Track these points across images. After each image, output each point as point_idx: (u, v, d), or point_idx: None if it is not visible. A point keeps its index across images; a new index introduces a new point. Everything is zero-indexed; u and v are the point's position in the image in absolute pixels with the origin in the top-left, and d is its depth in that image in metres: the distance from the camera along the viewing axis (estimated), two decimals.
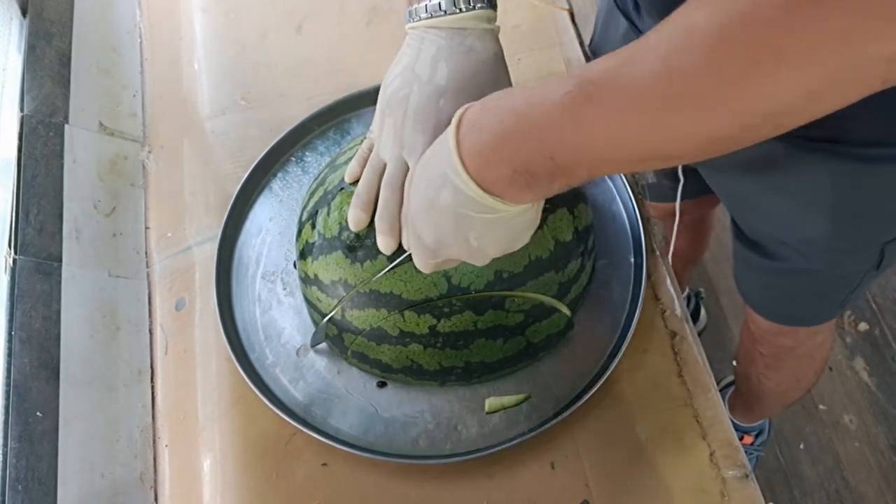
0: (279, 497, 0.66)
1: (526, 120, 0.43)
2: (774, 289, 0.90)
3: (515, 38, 0.90)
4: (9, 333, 0.64)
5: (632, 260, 0.72)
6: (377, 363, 0.66)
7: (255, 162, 0.81)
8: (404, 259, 0.59)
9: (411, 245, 0.55)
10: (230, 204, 0.78)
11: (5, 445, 0.60)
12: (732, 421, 1.40)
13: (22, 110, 0.76)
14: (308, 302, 0.68)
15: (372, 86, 0.82)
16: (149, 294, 0.78)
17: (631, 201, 0.74)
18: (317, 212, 0.66)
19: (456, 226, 0.49)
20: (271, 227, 0.79)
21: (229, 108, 0.89)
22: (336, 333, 0.66)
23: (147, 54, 0.95)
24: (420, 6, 0.58)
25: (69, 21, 0.88)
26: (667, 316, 0.70)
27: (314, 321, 0.70)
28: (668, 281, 0.72)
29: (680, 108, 0.37)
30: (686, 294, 1.60)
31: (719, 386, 1.48)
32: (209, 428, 0.70)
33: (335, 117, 0.84)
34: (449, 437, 0.66)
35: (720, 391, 1.42)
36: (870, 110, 0.41)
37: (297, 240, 0.68)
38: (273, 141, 0.82)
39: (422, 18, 0.58)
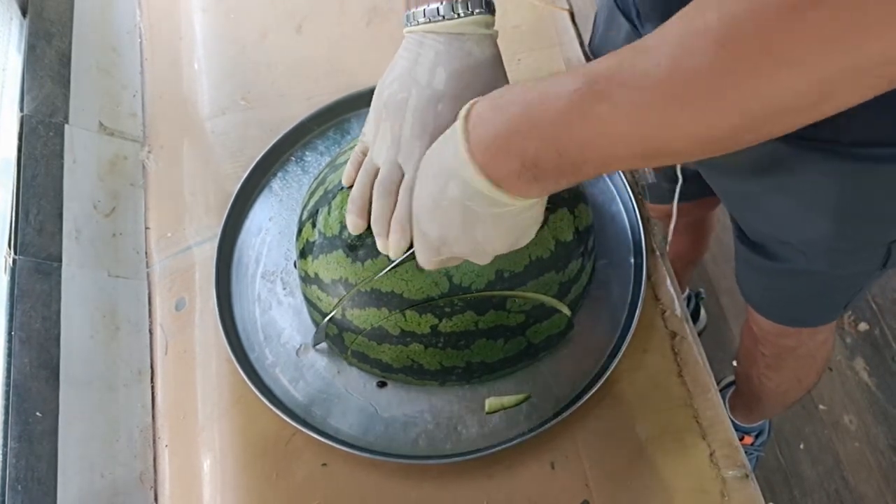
0: (279, 497, 0.66)
1: (535, 115, 0.43)
2: (776, 290, 0.90)
3: (515, 38, 0.90)
4: (8, 333, 0.64)
5: (632, 260, 0.72)
6: (377, 363, 0.66)
7: (255, 162, 0.81)
8: (406, 258, 0.59)
9: (415, 242, 0.55)
10: (230, 204, 0.78)
11: (5, 445, 0.60)
12: (733, 421, 1.40)
13: (22, 110, 0.76)
14: (308, 301, 0.68)
15: (372, 86, 0.82)
16: (149, 294, 0.78)
17: (631, 202, 0.74)
18: (317, 211, 0.66)
19: (462, 221, 0.49)
20: (271, 227, 0.79)
21: (229, 108, 0.89)
22: (336, 333, 0.66)
23: (147, 54, 0.95)
24: (418, 11, 0.58)
25: (69, 21, 0.88)
26: (667, 316, 0.70)
27: (314, 321, 0.70)
28: (668, 281, 0.72)
29: (687, 106, 0.37)
30: (686, 294, 1.60)
31: (719, 386, 1.48)
32: (209, 428, 0.70)
33: (335, 117, 0.84)
34: (449, 437, 0.66)
35: (720, 391, 1.42)
36: (871, 110, 0.41)
37: (298, 239, 0.68)
38: (273, 141, 0.82)
39: (420, 23, 0.58)
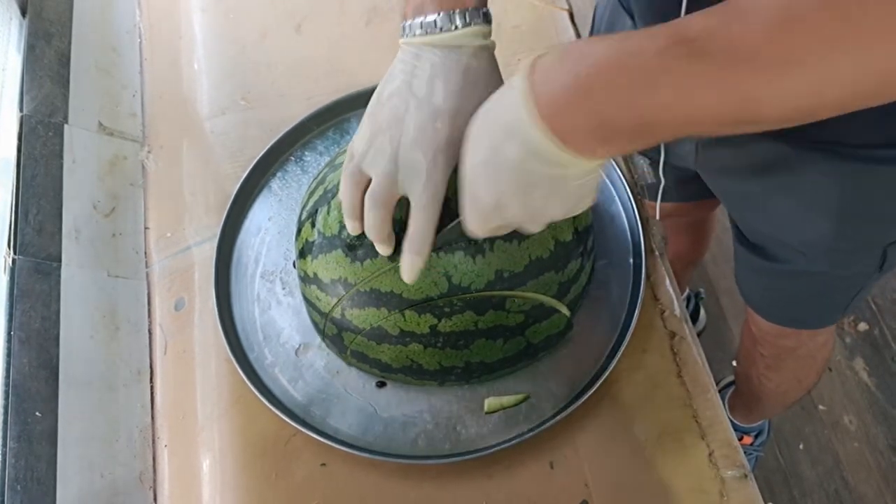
0: (278, 497, 0.66)
1: (615, 72, 0.40)
2: (776, 290, 0.90)
3: (515, 38, 0.90)
4: (8, 333, 0.64)
5: (631, 261, 0.72)
6: (377, 363, 0.66)
7: (255, 161, 0.81)
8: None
9: (466, 208, 0.52)
10: (229, 204, 0.78)
11: (4, 445, 0.60)
12: (732, 421, 1.40)
13: (21, 110, 0.76)
14: (307, 301, 0.68)
15: (372, 86, 0.82)
16: (148, 294, 0.78)
17: (630, 202, 0.74)
18: (317, 210, 0.66)
19: (519, 184, 0.46)
20: (270, 227, 0.79)
21: (229, 108, 0.89)
22: (335, 333, 0.66)
23: (147, 54, 0.95)
24: (415, 22, 0.57)
25: (69, 21, 0.88)
26: (666, 316, 0.70)
27: (313, 321, 0.70)
28: (668, 281, 0.72)
29: (789, 72, 0.35)
30: (686, 294, 1.60)
31: (719, 386, 1.48)
32: (208, 428, 0.70)
33: (334, 117, 0.84)
34: (448, 437, 0.66)
35: (720, 391, 1.43)
36: (874, 111, 0.41)
37: (297, 239, 0.68)
38: (272, 141, 0.82)
39: (416, 35, 0.57)
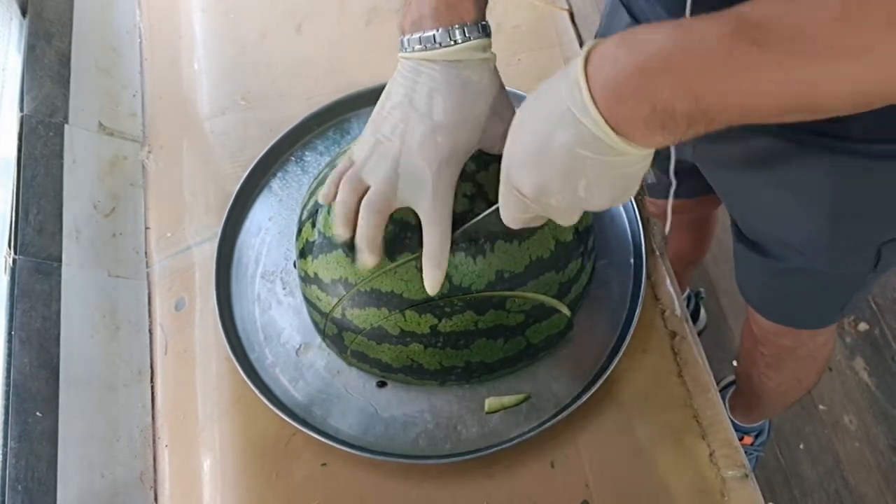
0: (279, 497, 0.66)
1: (674, 58, 0.40)
2: (774, 289, 0.90)
3: (515, 38, 0.90)
4: (8, 333, 0.64)
5: (631, 260, 0.72)
6: (377, 363, 0.66)
7: (255, 161, 0.81)
8: (408, 259, 0.60)
9: (502, 198, 0.52)
10: (230, 204, 0.78)
11: (5, 445, 0.60)
12: (732, 421, 1.40)
13: (22, 110, 0.76)
14: (308, 301, 0.68)
15: (371, 86, 0.82)
16: (148, 294, 0.78)
17: (631, 202, 0.74)
18: (317, 210, 0.66)
19: (568, 169, 0.45)
20: (271, 227, 0.79)
21: (229, 108, 0.89)
22: (336, 332, 0.66)
23: (147, 54, 0.95)
24: (413, 38, 0.57)
25: (69, 21, 0.88)
26: (666, 316, 0.70)
27: (314, 321, 0.70)
28: (668, 281, 0.72)
29: (857, 59, 0.36)
30: (686, 294, 1.60)
31: (719, 386, 1.48)
32: (209, 428, 0.70)
33: (335, 117, 0.84)
34: (449, 437, 0.66)
35: (720, 391, 1.42)
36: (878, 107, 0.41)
37: (297, 239, 0.68)
38: (273, 141, 0.82)
39: (416, 50, 0.57)
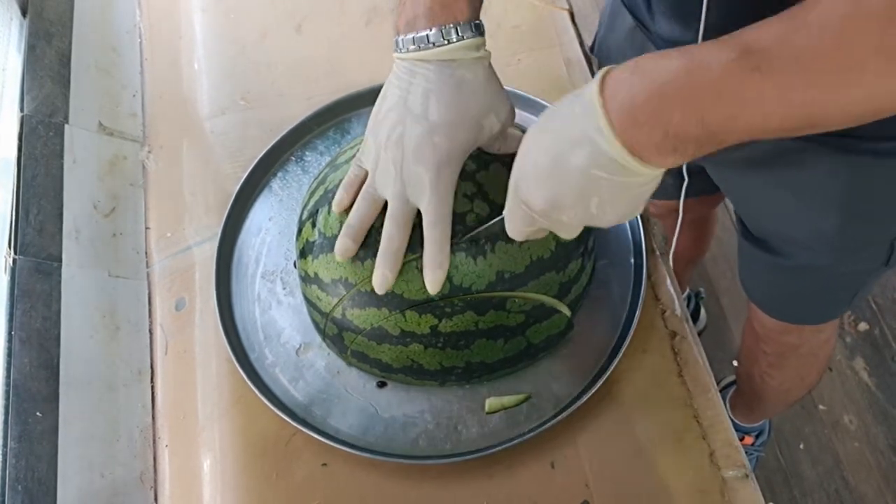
0: (279, 497, 0.66)
1: (684, 85, 0.42)
2: (780, 286, 0.90)
3: (515, 38, 0.90)
4: (9, 333, 0.64)
5: (632, 260, 0.72)
6: (377, 363, 0.66)
7: (255, 161, 0.81)
8: (410, 258, 0.60)
9: (510, 212, 0.54)
10: (230, 204, 0.78)
11: (5, 445, 0.60)
12: (733, 421, 1.40)
13: (22, 110, 0.76)
14: (308, 301, 0.68)
15: (371, 86, 0.82)
16: (149, 294, 0.78)
17: None
18: (317, 210, 0.66)
19: (581, 189, 0.47)
20: (271, 227, 0.79)
21: (229, 108, 0.89)
22: (336, 332, 0.66)
23: (147, 54, 0.95)
24: (408, 38, 0.57)
25: (69, 21, 0.88)
26: (667, 316, 0.70)
27: (314, 321, 0.70)
28: (668, 281, 0.72)
29: (856, 76, 0.37)
30: (686, 294, 1.60)
31: (720, 386, 1.48)
32: (209, 428, 0.70)
33: (335, 117, 0.84)
34: (449, 438, 0.66)
35: (720, 391, 1.42)
36: None
37: (298, 239, 0.68)
38: (273, 141, 0.82)
39: (410, 50, 0.57)
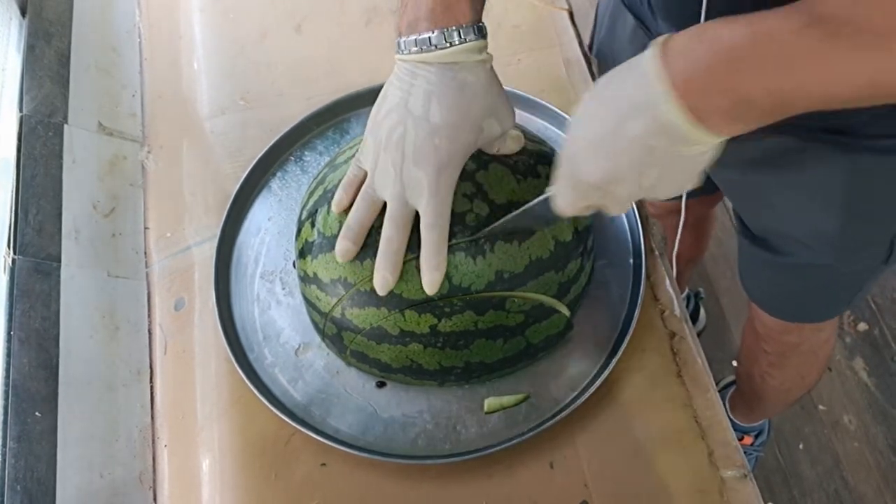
0: (278, 497, 0.66)
1: (753, 52, 0.41)
2: (780, 285, 0.90)
3: (515, 38, 0.90)
4: (8, 333, 0.64)
5: (631, 261, 0.72)
6: (376, 363, 0.66)
7: (254, 161, 0.81)
8: (411, 258, 0.60)
9: (561, 186, 0.53)
10: (229, 204, 0.78)
11: (4, 445, 0.60)
12: (732, 421, 1.40)
13: (21, 110, 0.76)
14: (307, 301, 0.68)
15: (371, 86, 0.82)
16: (148, 294, 0.78)
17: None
18: (317, 210, 0.66)
19: (640, 159, 0.46)
20: (270, 227, 0.79)
21: (229, 108, 0.89)
22: (335, 332, 0.66)
23: (146, 54, 0.95)
24: (409, 39, 0.57)
25: (68, 21, 0.88)
26: (666, 316, 0.70)
27: (313, 320, 0.70)
28: (668, 281, 0.72)
29: None
30: (685, 294, 1.60)
31: (719, 386, 1.48)
32: (208, 428, 0.70)
33: (334, 117, 0.84)
34: (448, 438, 0.66)
35: (720, 391, 1.43)
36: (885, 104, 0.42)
37: (297, 239, 0.68)
38: (272, 141, 0.82)
39: (412, 52, 0.57)
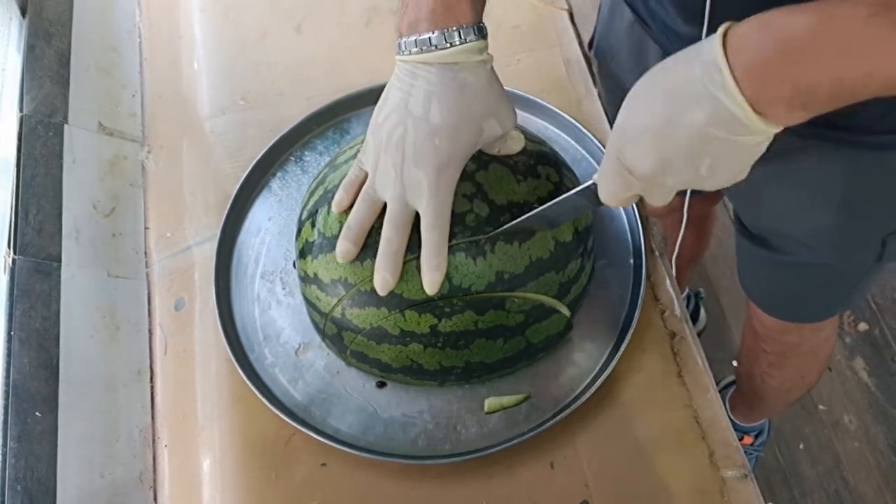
0: (278, 497, 0.66)
1: (819, 41, 0.41)
2: (779, 283, 0.90)
3: (515, 38, 0.90)
4: (8, 333, 0.64)
5: (631, 261, 0.72)
6: (377, 363, 0.66)
7: (255, 161, 0.81)
8: (411, 258, 0.60)
9: (608, 174, 0.52)
10: (229, 204, 0.78)
11: (4, 446, 0.60)
12: (733, 421, 1.40)
13: (21, 110, 0.76)
14: (307, 301, 0.68)
15: (371, 86, 0.82)
16: (148, 294, 0.78)
17: None
18: (317, 211, 0.66)
19: (696, 149, 0.46)
20: (270, 227, 0.79)
21: (229, 108, 0.89)
22: (335, 332, 0.66)
23: (147, 54, 0.95)
24: (409, 40, 0.57)
25: (68, 21, 0.88)
26: (666, 316, 0.70)
27: (313, 320, 0.70)
28: (668, 281, 0.72)
29: None
30: (686, 294, 1.60)
31: (719, 386, 1.48)
32: (208, 428, 0.70)
33: (334, 117, 0.84)
34: (448, 438, 0.66)
35: (720, 391, 1.43)
36: (886, 100, 0.42)
37: (297, 239, 0.68)
38: (272, 141, 0.82)
39: (412, 53, 0.57)
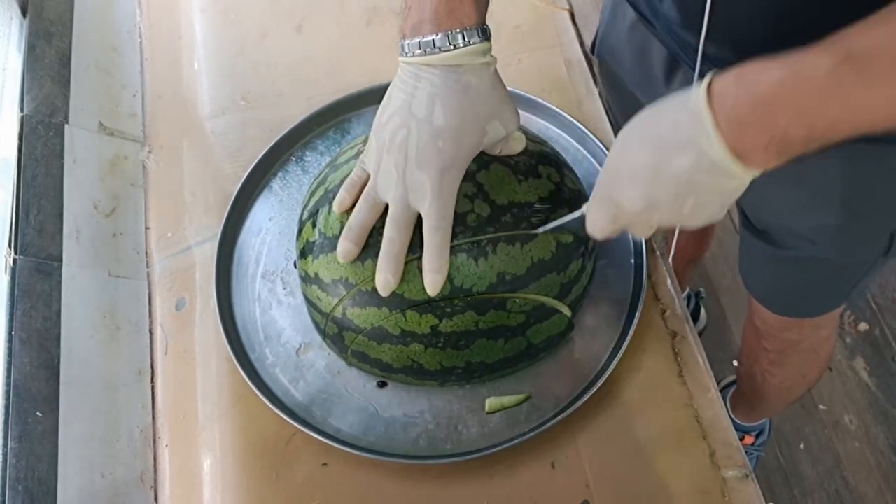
0: (279, 497, 0.66)
1: (789, 91, 0.44)
2: (781, 278, 0.90)
3: (516, 38, 0.90)
4: (9, 333, 0.64)
5: (632, 261, 0.72)
6: (378, 363, 0.66)
7: (255, 161, 0.81)
8: (411, 258, 0.60)
9: (597, 211, 0.55)
10: (230, 204, 0.78)
11: (5, 445, 0.60)
12: (733, 420, 1.40)
13: (22, 110, 0.76)
14: (308, 301, 0.68)
15: (371, 86, 0.82)
16: (149, 294, 0.78)
17: None
18: (318, 210, 0.66)
19: (681, 191, 0.49)
20: (271, 227, 0.79)
21: (229, 108, 0.89)
22: (336, 332, 0.66)
23: (147, 54, 0.95)
24: (413, 42, 0.57)
25: (69, 21, 0.88)
26: (667, 316, 0.70)
27: (314, 321, 0.70)
28: (669, 281, 0.72)
29: None
30: (686, 294, 1.60)
31: (720, 386, 1.48)
32: (209, 428, 0.70)
33: (335, 117, 0.84)
34: (449, 438, 0.66)
35: (721, 391, 1.42)
36: None
37: (298, 239, 0.68)
38: (273, 141, 0.82)
39: (415, 55, 0.57)
